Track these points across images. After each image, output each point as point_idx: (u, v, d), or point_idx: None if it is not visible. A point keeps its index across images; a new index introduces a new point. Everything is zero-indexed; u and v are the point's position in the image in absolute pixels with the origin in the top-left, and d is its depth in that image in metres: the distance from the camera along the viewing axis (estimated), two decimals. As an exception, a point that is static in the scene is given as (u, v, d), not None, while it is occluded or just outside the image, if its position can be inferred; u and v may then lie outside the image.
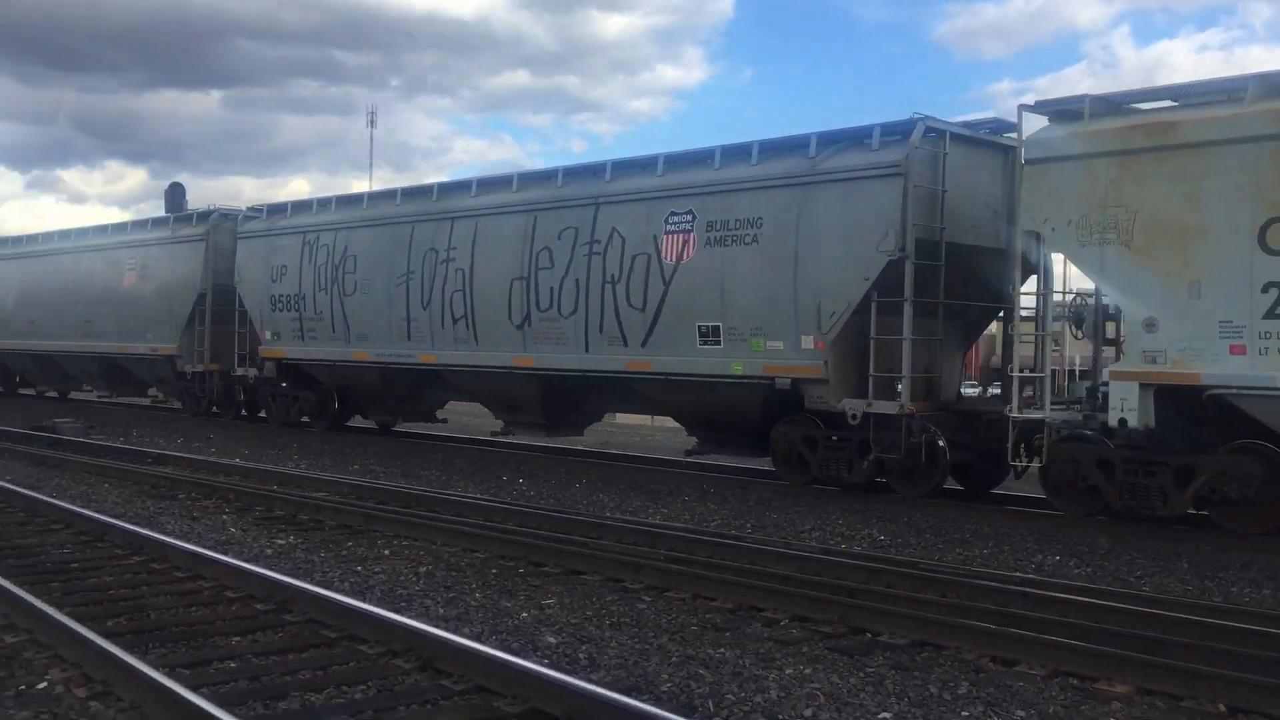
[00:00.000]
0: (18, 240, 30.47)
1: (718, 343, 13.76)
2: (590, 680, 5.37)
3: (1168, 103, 11.06)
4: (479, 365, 16.83)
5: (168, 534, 9.38)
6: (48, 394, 31.03)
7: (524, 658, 5.73)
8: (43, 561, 8.48)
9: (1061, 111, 11.49)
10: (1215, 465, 10.47)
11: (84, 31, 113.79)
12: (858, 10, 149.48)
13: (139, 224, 26.08)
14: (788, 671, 5.97)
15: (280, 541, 9.66)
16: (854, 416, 12.66)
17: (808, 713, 5.30)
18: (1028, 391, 12.15)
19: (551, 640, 6.49)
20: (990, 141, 13.43)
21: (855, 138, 13.24)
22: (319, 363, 19.85)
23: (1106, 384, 11.11)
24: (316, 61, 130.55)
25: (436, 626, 6.31)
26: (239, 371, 21.75)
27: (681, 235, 14.06)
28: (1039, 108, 11.70)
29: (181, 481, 13.05)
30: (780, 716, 5.24)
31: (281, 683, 5.58)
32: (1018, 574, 8.57)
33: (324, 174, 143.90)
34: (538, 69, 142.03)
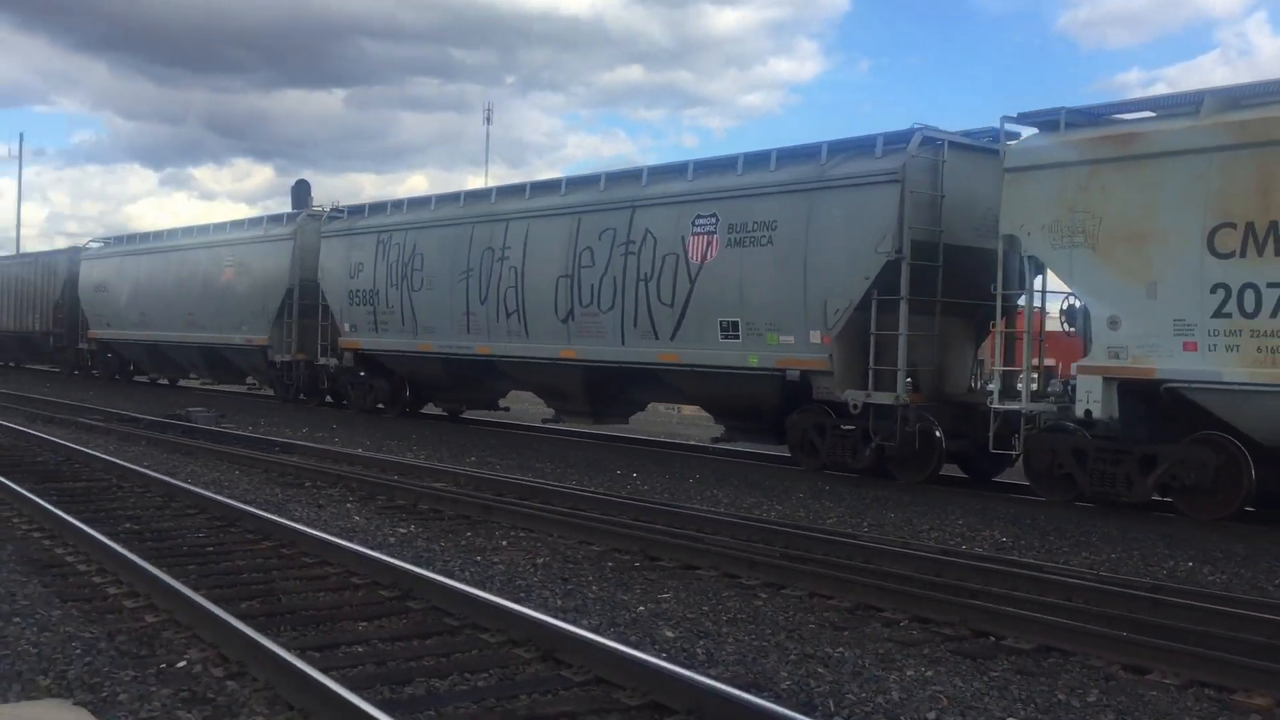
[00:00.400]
0: (131, 238, 32.48)
1: (737, 337, 14.75)
2: (710, 675, 5.37)
3: (1147, 113, 11.71)
4: (529, 356, 18.02)
5: (295, 520, 9.67)
6: (159, 381, 32.80)
7: (643, 651, 5.76)
8: (179, 545, 8.83)
9: (1042, 122, 12.22)
10: (1175, 454, 11.11)
11: (216, 34, 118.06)
12: (978, 1, 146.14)
13: (236, 224, 27.63)
14: (909, 673, 5.88)
15: (402, 530, 9.88)
16: (855, 406, 13.53)
17: (930, 715, 5.22)
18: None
19: (669, 634, 6.51)
20: (989, 149, 13.61)
21: (862, 146, 14.02)
22: (390, 353, 21.34)
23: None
24: (434, 60, 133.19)
25: (556, 617, 6.38)
26: (321, 361, 23.39)
27: (706, 237, 15.09)
28: (1021, 119, 12.44)
29: (307, 470, 13.45)
30: (902, 718, 5.17)
31: (407, 668, 5.71)
32: (1147, 579, 8.29)
33: (440, 170, 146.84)
34: (651, 64, 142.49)
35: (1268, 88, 10.76)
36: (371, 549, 8.34)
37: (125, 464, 12.96)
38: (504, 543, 9.43)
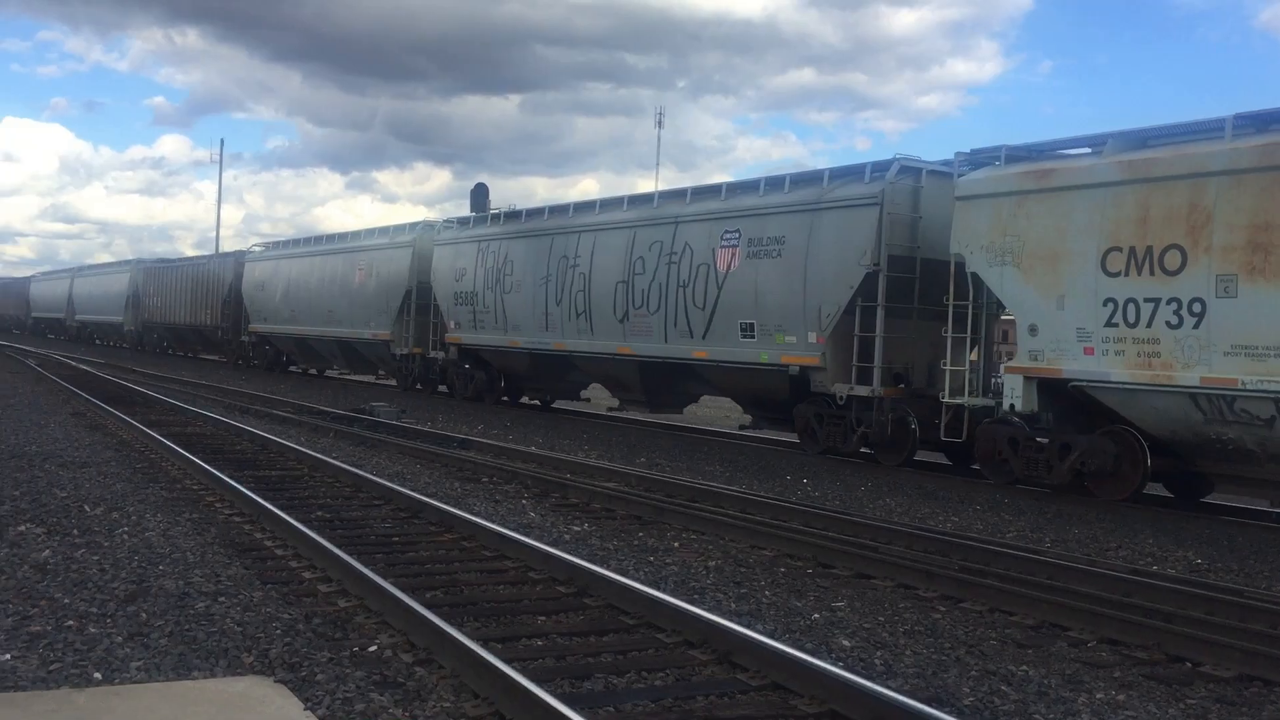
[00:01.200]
0: (285, 243, 36.69)
1: (753, 336, 17.01)
2: (889, 687, 5.28)
3: (1084, 149, 13.43)
4: (594, 352, 20.68)
5: (475, 514, 9.94)
6: (310, 371, 36.69)
7: (820, 658, 5.70)
8: (368, 534, 9.21)
9: (986, 158, 14.34)
10: (1084, 444, 12.88)
11: (399, 43, 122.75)
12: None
13: (369, 232, 30.85)
14: (1099, 696, 5.65)
15: (576, 528, 10.06)
16: (840, 398, 15.74)
17: (1124, 741, 5.00)
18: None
19: (845, 643, 6.43)
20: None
21: (854, 173, 16.19)
22: (486, 348, 24.31)
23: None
24: (606, 64, 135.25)
25: (731, 620, 6.38)
26: (432, 354, 26.66)
27: (731, 249, 17.41)
28: (970, 157, 14.55)
29: (484, 466, 13.83)
30: (1093, 743, 4.97)
31: (585, 664, 5.81)
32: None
33: (611, 173, 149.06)
34: (823, 67, 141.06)
35: (1161, 131, 12.64)
36: (548, 545, 8.51)
37: (316, 454, 13.60)
38: (675, 544, 9.49)
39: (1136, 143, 12.69)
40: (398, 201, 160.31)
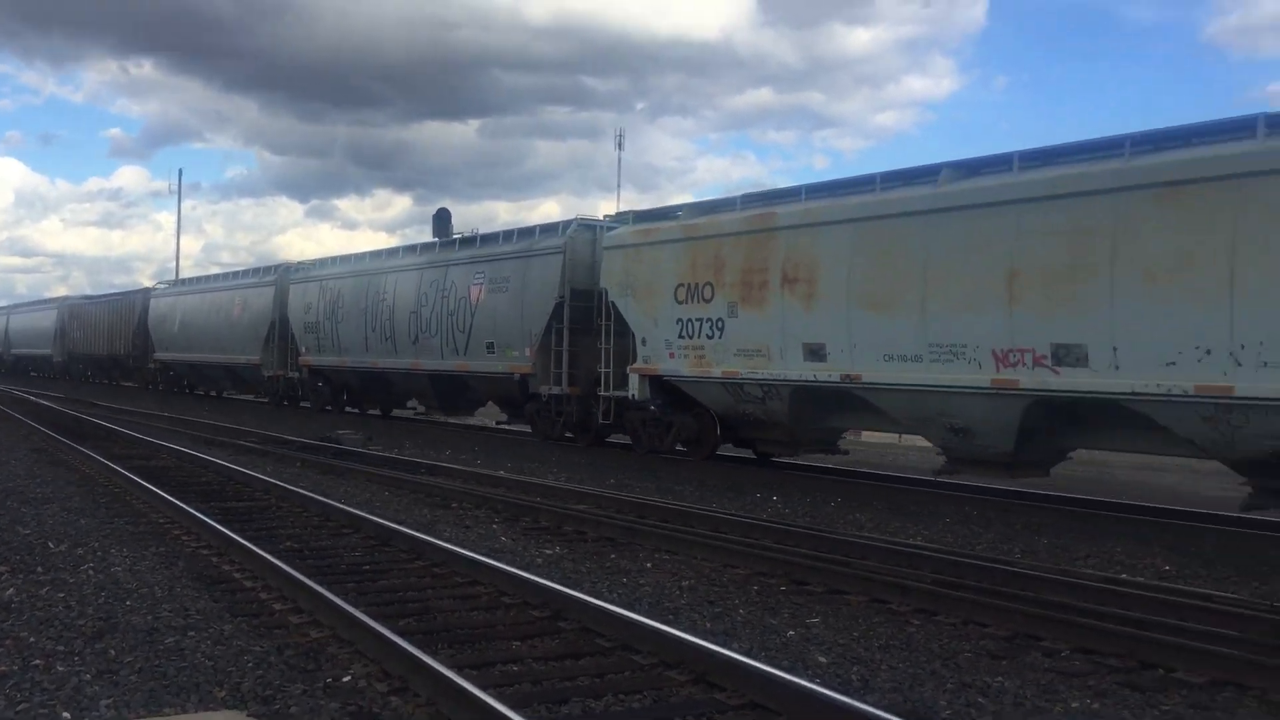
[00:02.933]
0: (184, 281, 42.55)
1: (494, 353, 22.16)
2: (868, 702, 5.28)
3: (673, 219, 18.65)
4: (397, 368, 25.93)
5: (445, 540, 9.87)
6: (210, 393, 40.50)
7: (797, 675, 5.70)
8: (338, 563, 9.12)
9: (623, 220, 20.01)
10: (678, 421, 18.32)
11: (357, 69, 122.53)
12: (1122, 11, 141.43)
13: (244, 272, 36.38)
14: (1074, 705, 5.69)
15: (548, 551, 10.01)
16: (545, 396, 20.92)
17: (1101, 749, 5.03)
18: None
19: (822, 660, 6.43)
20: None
21: (554, 229, 21.54)
22: (327, 367, 29.60)
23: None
24: (566, 88, 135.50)
25: (707, 640, 6.36)
26: (290, 374, 32.10)
27: (479, 286, 22.77)
28: (617, 218, 20.78)
29: (453, 492, 13.74)
30: (1071, 752, 5.00)
31: (562, 687, 5.77)
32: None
33: (573, 196, 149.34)
34: (780, 86, 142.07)
35: (713, 205, 18.27)
36: (521, 569, 8.46)
37: (283, 484, 13.46)
38: (649, 565, 9.47)
39: (703, 209, 18.21)
40: (358, 228, 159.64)
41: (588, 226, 20.94)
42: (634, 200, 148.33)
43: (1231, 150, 11.17)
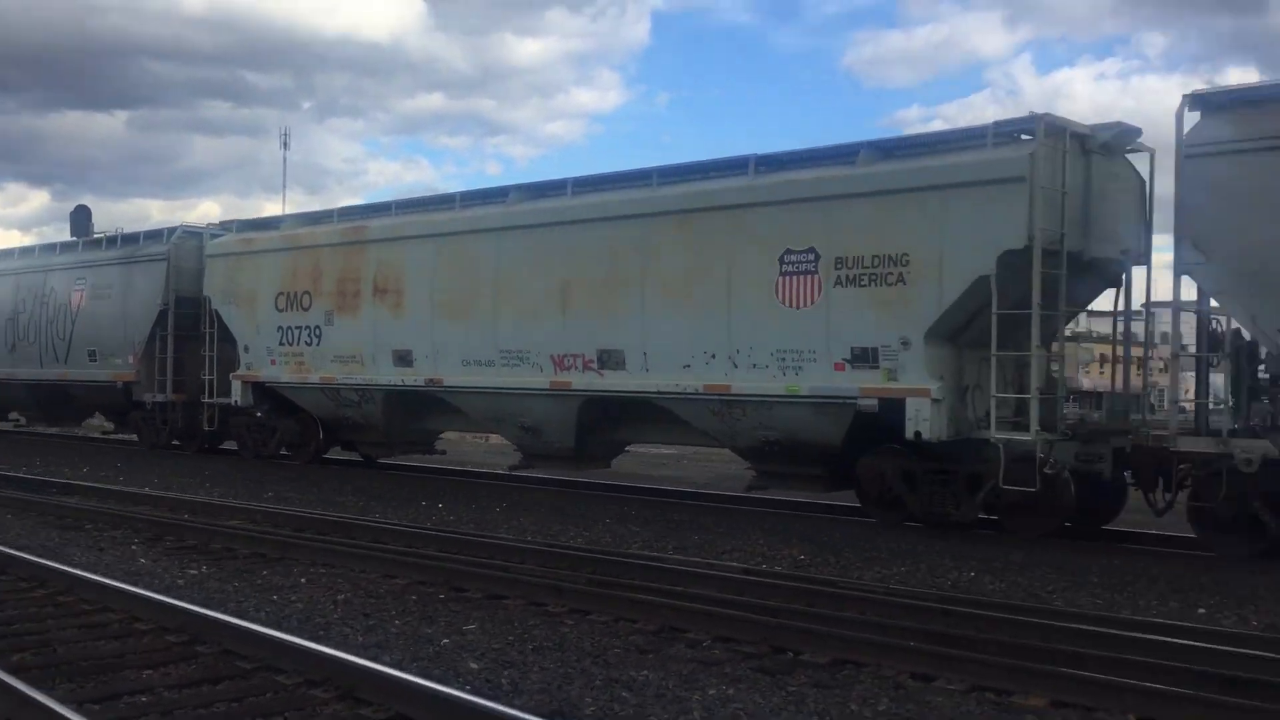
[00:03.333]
0: None
1: (97, 360, 22.07)
2: (514, 706, 5.32)
3: (273, 229, 19.58)
4: (16, 378, 25.06)
5: (74, 565, 9.08)
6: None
7: (446, 684, 5.66)
8: (-60, 596, 8.15)
9: (226, 228, 20.63)
10: (282, 425, 19.14)
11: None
12: (773, 39, 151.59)
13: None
14: (711, 692, 5.98)
15: (192, 571, 9.42)
16: (150, 404, 21.11)
17: (732, 733, 5.31)
18: None
19: (474, 666, 6.42)
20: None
21: (157, 235, 21.74)
22: None
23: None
24: (226, 82, 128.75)
25: (355, 654, 6.20)
26: None
27: (80, 292, 22.49)
28: (221, 226, 21.03)
29: (88, 511, 12.68)
30: (704, 737, 5.25)
31: (194, 716, 5.44)
32: (934, 590, 8.70)
33: (235, 196, 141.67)
34: (453, 92, 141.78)
35: (314, 216, 18.96)
36: (157, 592, 7.91)
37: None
38: (303, 580, 9.11)
39: (309, 220, 18.87)
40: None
41: (193, 233, 21.31)
42: (302, 202, 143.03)
43: (728, 185, 13.33)
